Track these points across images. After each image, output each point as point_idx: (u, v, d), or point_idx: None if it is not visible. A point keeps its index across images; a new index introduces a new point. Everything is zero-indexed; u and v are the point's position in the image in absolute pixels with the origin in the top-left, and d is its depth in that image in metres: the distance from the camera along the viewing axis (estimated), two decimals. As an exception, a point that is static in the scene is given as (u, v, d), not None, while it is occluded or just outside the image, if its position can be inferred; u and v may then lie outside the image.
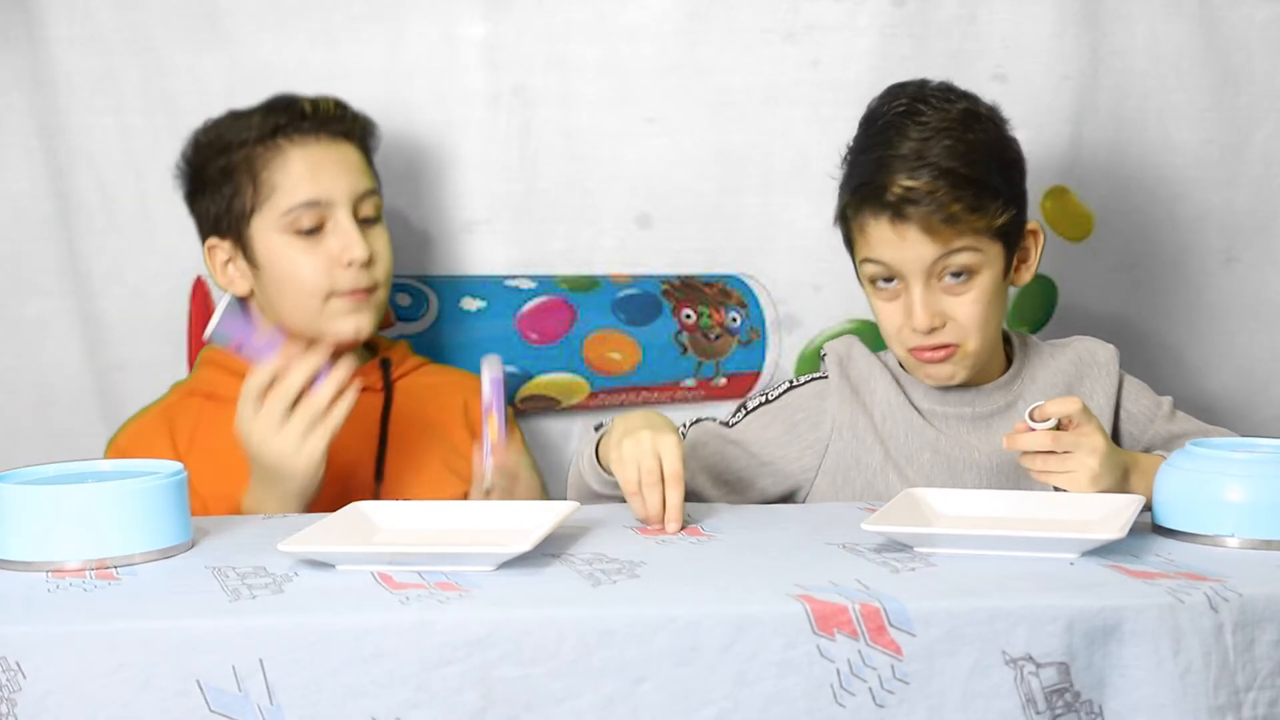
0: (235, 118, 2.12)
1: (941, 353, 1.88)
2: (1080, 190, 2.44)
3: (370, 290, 2.08)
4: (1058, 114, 2.42)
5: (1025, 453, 1.73)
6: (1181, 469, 1.61)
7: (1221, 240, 2.47)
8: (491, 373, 1.83)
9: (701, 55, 2.41)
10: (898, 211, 1.83)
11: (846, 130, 2.11)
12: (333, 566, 1.50)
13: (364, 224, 2.09)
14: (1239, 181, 2.46)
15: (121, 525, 1.54)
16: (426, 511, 1.70)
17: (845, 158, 1.96)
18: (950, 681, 1.36)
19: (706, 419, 2.01)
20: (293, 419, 1.82)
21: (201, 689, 1.34)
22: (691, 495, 1.83)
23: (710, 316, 2.39)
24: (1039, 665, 1.36)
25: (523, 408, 2.38)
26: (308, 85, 2.22)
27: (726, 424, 1.99)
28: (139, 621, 1.37)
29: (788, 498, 1.98)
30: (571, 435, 2.43)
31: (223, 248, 2.11)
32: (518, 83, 2.39)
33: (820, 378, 1.99)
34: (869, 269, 1.90)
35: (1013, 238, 1.90)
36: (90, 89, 2.35)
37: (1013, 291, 2.00)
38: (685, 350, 2.38)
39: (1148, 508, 1.65)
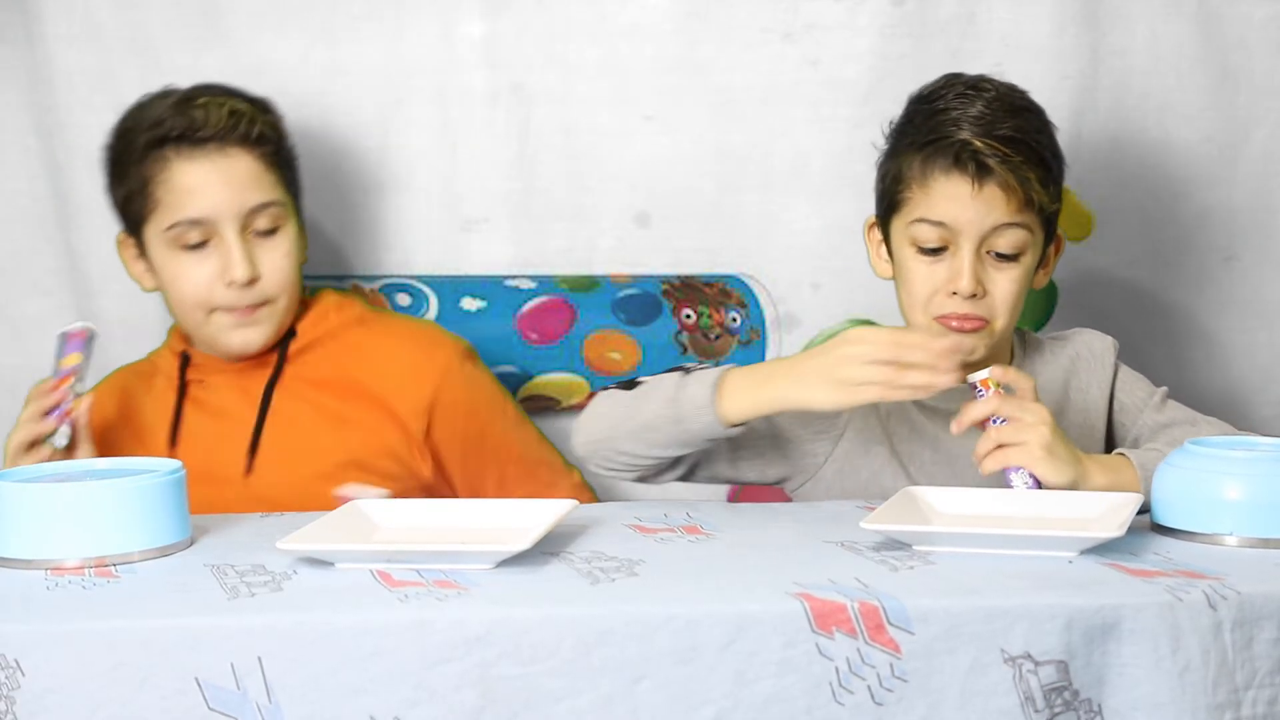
0: (147, 107, 2.07)
1: (971, 324, 1.87)
2: (1080, 189, 2.44)
3: (257, 306, 2.05)
4: (1057, 113, 2.39)
5: (975, 426, 1.73)
6: (1180, 468, 1.61)
7: (1221, 239, 2.47)
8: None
9: (701, 54, 2.41)
10: (980, 166, 1.84)
11: (846, 129, 2.13)
12: (332, 565, 1.50)
13: (260, 236, 2.05)
14: (1238, 180, 2.46)
15: (120, 523, 1.54)
16: (425, 510, 1.70)
17: (892, 130, 1.96)
18: (949, 680, 1.36)
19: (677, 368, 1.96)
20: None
21: (200, 687, 1.34)
22: (702, 459, 1.84)
23: (710, 316, 2.39)
24: (1037, 663, 1.36)
25: (523, 407, 2.38)
26: (305, 83, 2.23)
27: None
28: (138, 620, 1.37)
29: (780, 482, 1.96)
30: (572, 435, 2.43)
31: (130, 244, 2.12)
32: (517, 81, 2.39)
33: None
34: (919, 231, 1.88)
35: (1051, 231, 1.93)
36: (89, 87, 2.35)
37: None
38: (685, 350, 2.38)
39: (1145, 508, 1.64)
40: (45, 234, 2.39)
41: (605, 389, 1.86)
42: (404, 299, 2.34)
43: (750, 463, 1.91)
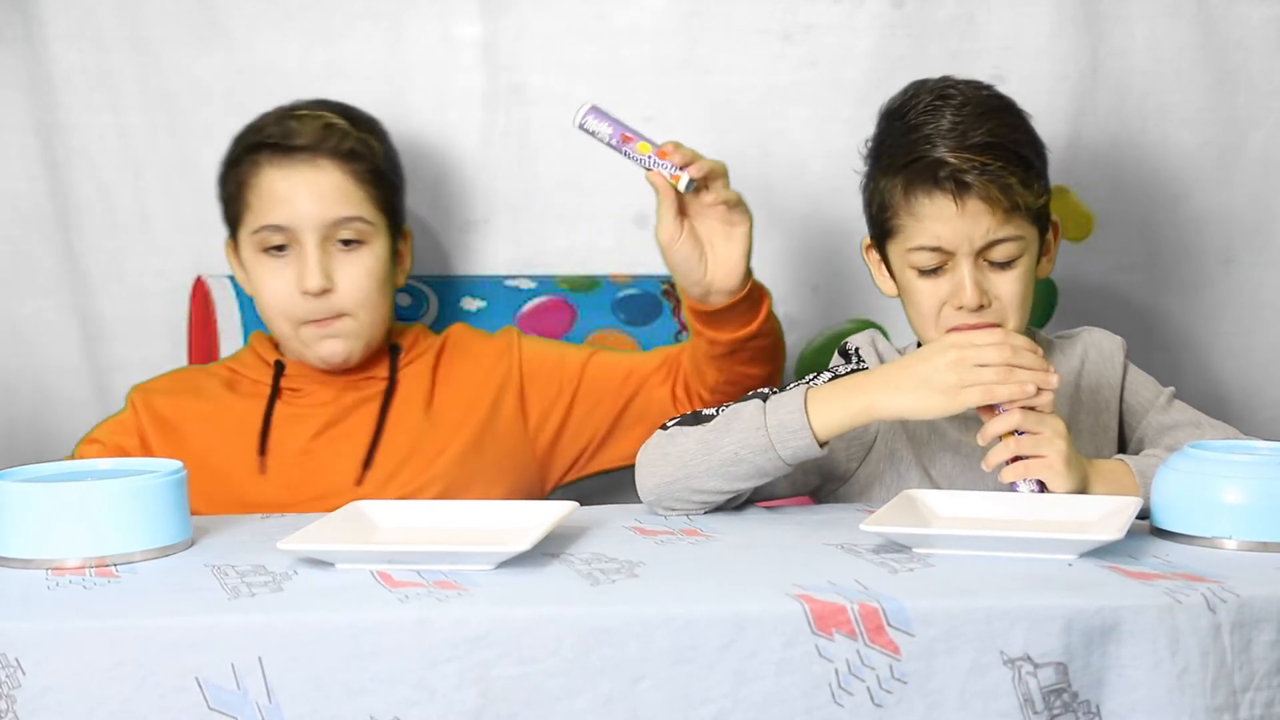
0: (262, 117, 2.12)
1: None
2: (1078, 191, 2.45)
3: (333, 319, 2.06)
4: (1056, 114, 2.42)
5: (998, 438, 1.72)
6: (1179, 471, 1.61)
7: (1219, 241, 2.47)
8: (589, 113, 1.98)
9: (700, 55, 2.41)
10: (959, 184, 1.82)
11: (845, 130, 2.13)
12: (332, 565, 1.50)
13: (342, 249, 2.07)
14: (1237, 182, 2.46)
15: (121, 523, 1.54)
16: (426, 510, 1.70)
17: (869, 151, 1.95)
18: (948, 681, 1.36)
19: (753, 395, 1.89)
20: None
21: (200, 686, 1.34)
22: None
23: (710, 316, 2.39)
24: (1037, 665, 1.36)
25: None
26: (306, 84, 2.23)
27: None
28: (138, 619, 1.37)
29: (816, 490, 1.95)
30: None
31: (231, 247, 2.14)
32: (516, 82, 2.39)
33: (862, 368, 1.93)
34: (918, 258, 1.87)
35: (1044, 222, 1.92)
36: (89, 87, 2.35)
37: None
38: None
39: (1145, 514, 1.65)
40: (44, 234, 2.39)
41: (663, 427, 1.81)
42: (404, 299, 2.34)
43: (790, 478, 1.87)
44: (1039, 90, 2.41)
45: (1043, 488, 1.70)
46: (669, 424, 1.81)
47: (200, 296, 2.29)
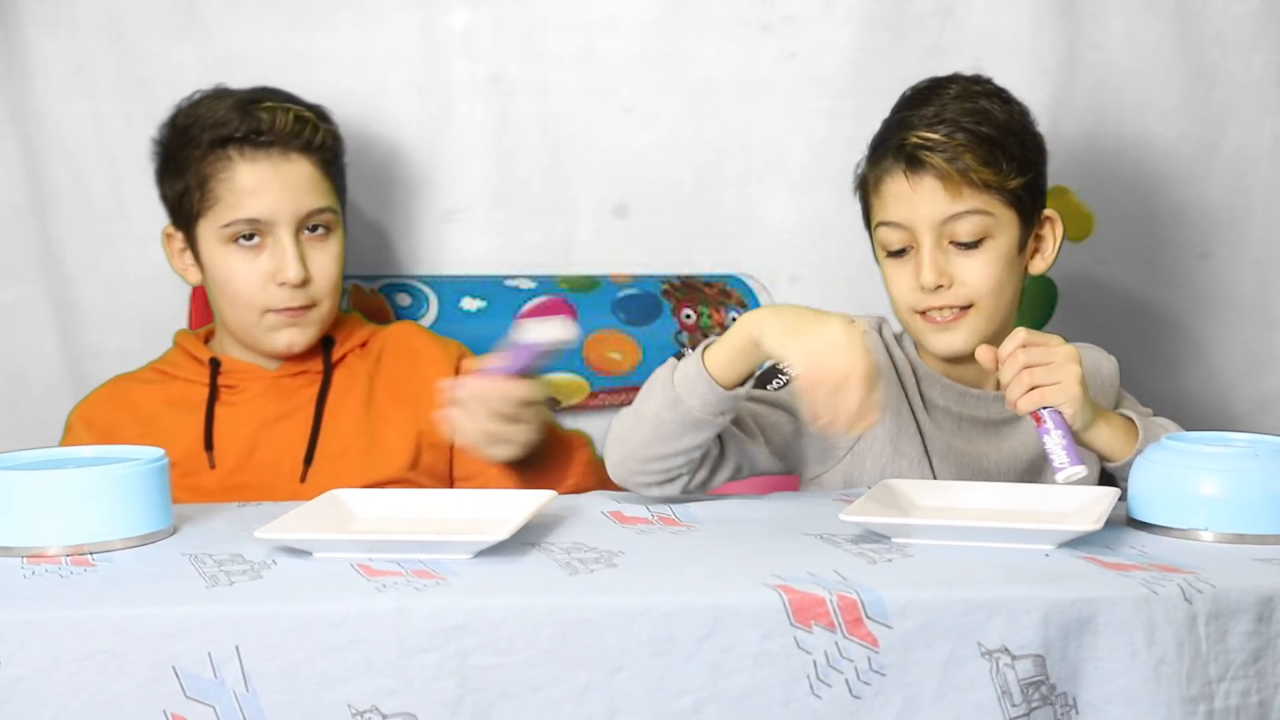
0: (204, 106, 2.10)
1: (951, 314, 1.88)
2: (1065, 185, 2.45)
3: (307, 308, 2.09)
4: (1034, 108, 2.38)
5: (1008, 368, 1.71)
6: (1156, 463, 1.61)
7: (1196, 235, 2.48)
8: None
9: (679, 46, 2.41)
10: (911, 161, 1.86)
11: (824, 122, 2.13)
12: (310, 554, 1.50)
13: (312, 235, 2.09)
14: (1213, 176, 2.47)
15: (101, 512, 1.53)
16: (404, 500, 1.70)
17: (873, 139, 1.97)
18: (926, 673, 1.36)
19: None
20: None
21: (177, 675, 1.33)
22: (743, 459, 1.83)
23: (710, 316, 2.39)
24: (1015, 657, 1.36)
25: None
26: (283, 73, 2.22)
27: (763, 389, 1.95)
28: (114, 608, 1.36)
29: (803, 471, 1.95)
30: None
31: (177, 238, 2.14)
32: (495, 73, 2.39)
33: None
34: (883, 234, 1.90)
35: (1028, 209, 1.91)
36: (64, 75, 2.34)
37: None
38: (685, 350, 2.38)
39: (1122, 499, 1.65)
40: (20, 221, 2.38)
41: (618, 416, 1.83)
42: (404, 299, 2.33)
43: (784, 456, 1.90)
44: (1017, 84, 2.39)
45: (1068, 431, 1.69)
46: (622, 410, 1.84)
47: (201, 298, 2.29)
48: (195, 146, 2.08)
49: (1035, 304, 2.45)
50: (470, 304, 2.34)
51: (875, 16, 2.39)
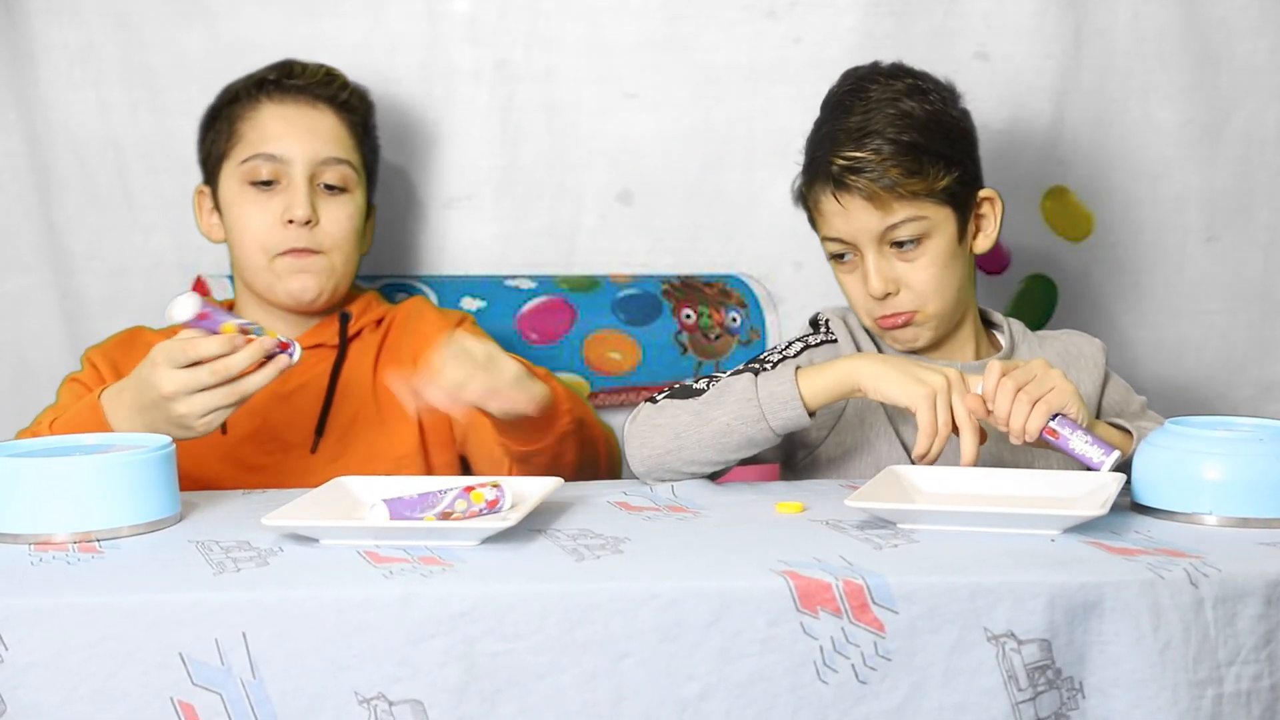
0: (254, 72, 2.16)
1: (901, 318, 1.93)
2: (1061, 170, 2.45)
3: (314, 252, 2.10)
4: (1040, 93, 2.42)
5: (1002, 400, 1.71)
6: (1160, 447, 1.62)
7: (1201, 219, 2.48)
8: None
9: (684, 31, 2.41)
10: (839, 183, 1.89)
11: (829, 108, 2.11)
12: (317, 541, 1.50)
13: (326, 190, 2.11)
14: (1219, 161, 2.46)
15: (108, 499, 1.54)
16: (409, 486, 1.70)
17: (806, 143, 2.00)
18: (932, 658, 1.37)
19: (744, 369, 1.92)
20: (211, 393, 1.73)
21: (184, 662, 1.34)
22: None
23: (710, 316, 2.39)
24: (1020, 642, 1.37)
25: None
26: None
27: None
28: (122, 595, 1.37)
29: (789, 458, 1.98)
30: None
31: (206, 194, 2.17)
32: (500, 58, 2.39)
33: (830, 340, 1.99)
34: (828, 246, 1.96)
35: (961, 201, 1.93)
36: (69, 63, 2.34)
37: (986, 268, 2.00)
38: (685, 350, 2.38)
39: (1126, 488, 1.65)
40: (25, 210, 2.38)
41: (652, 400, 1.85)
42: (404, 299, 2.33)
43: (773, 448, 1.90)
44: (1022, 69, 2.41)
45: (1070, 422, 1.69)
46: (658, 397, 1.85)
47: (201, 292, 2.29)
48: (233, 99, 2.14)
49: (1035, 304, 2.45)
50: (470, 304, 2.34)
51: (880, 2, 2.39)
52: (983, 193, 1.97)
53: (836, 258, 1.96)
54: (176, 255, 2.36)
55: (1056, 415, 1.70)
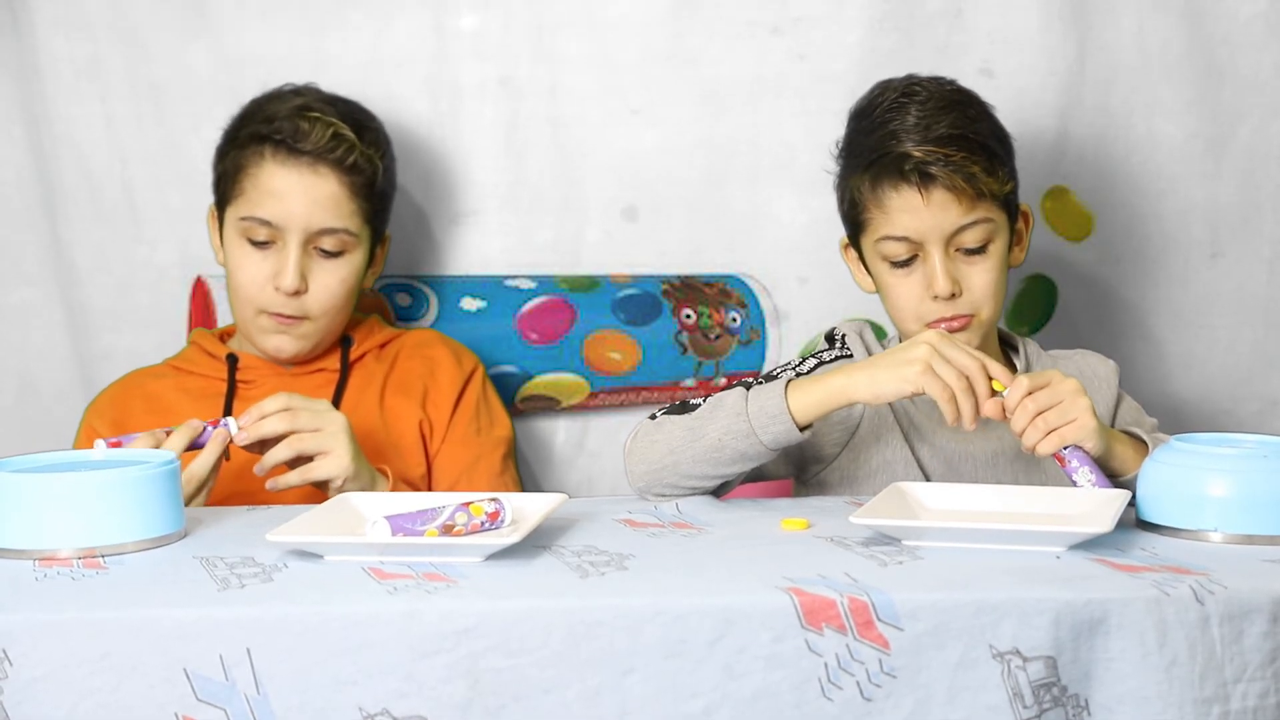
0: (271, 100, 2.15)
1: (959, 322, 1.92)
2: (1065, 184, 2.45)
3: (298, 319, 2.11)
4: (1044, 108, 2.42)
5: (1020, 418, 1.71)
6: (1165, 464, 1.61)
7: (1206, 234, 2.48)
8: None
9: (688, 47, 2.41)
10: (923, 176, 1.88)
11: (834, 123, 2.11)
12: (321, 557, 1.50)
13: (322, 255, 2.11)
14: (1224, 176, 2.46)
15: (113, 514, 1.54)
16: (414, 503, 1.70)
17: (840, 151, 2.00)
18: (937, 675, 1.36)
19: (738, 384, 1.93)
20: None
21: (189, 678, 1.34)
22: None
23: (710, 316, 2.39)
24: (1026, 659, 1.36)
25: (522, 408, 2.38)
26: (294, 74, 2.22)
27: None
28: (127, 610, 1.37)
29: (801, 472, 1.98)
30: (570, 435, 2.43)
31: (215, 217, 2.18)
32: (505, 74, 2.39)
33: (846, 355, 1.99)
34: (887, 248, 1.93)
35: (1013, 210, 1.96)
36: (76, 76, 2.34)
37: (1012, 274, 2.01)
38: (685, 350, 2.38)
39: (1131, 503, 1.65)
40: (31, 223, 2.38)
41: (651, 417, 1.85)
42: (404, 299, 2.34)
43: (777, 461, 1.90)
44: (1026, 84, 2.41)
45: (1094, 465, 1.70)
46: (657, 413, 1.85)
47: (200, 296, 2.30)
48: (242, 135, 2.12)
49: (1035, 304, 2.45)
50: (470, 304, 2.34)
51: (885, 17, 2.39)
52: (1022, 205, 1.99)
53: (892, 262, 1.93)
54: (181, 269, 2.36)
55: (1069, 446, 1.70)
